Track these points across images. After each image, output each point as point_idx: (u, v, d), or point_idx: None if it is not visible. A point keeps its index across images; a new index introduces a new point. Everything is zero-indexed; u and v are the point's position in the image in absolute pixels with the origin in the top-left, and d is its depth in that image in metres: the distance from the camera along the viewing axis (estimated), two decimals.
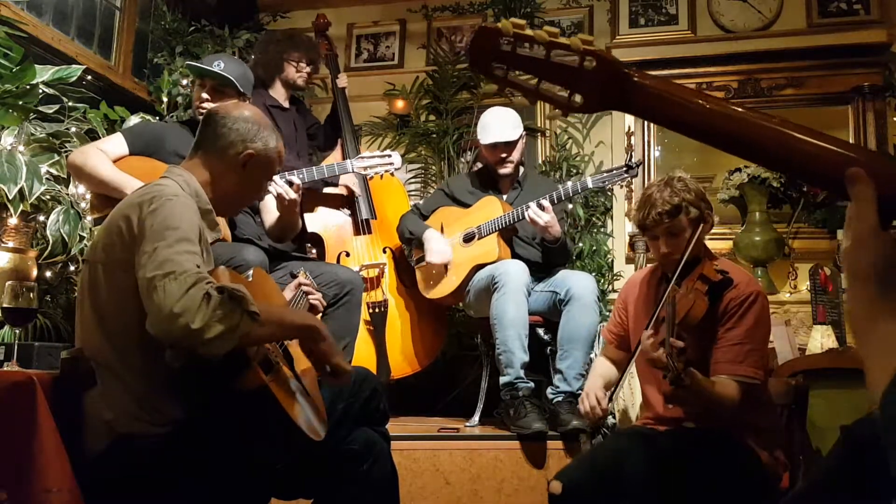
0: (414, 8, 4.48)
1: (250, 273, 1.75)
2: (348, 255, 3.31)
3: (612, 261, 3.93)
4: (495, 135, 3.09)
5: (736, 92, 3.88)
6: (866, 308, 0.71)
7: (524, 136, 3.21)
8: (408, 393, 3.50)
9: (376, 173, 2.96)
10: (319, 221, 3.34)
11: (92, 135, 2.95)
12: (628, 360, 1.96)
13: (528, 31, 0.79)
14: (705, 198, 1.97)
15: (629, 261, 3.89)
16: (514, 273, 2.81)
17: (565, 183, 3.22)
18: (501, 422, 2.84)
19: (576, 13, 4.27)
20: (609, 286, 3.85)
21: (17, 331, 1.94)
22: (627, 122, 4.00)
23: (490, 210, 3.09)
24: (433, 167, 4.26)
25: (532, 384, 2.77)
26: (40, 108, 2.72)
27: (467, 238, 3.11)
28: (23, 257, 2.54)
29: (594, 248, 3.86)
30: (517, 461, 2.62)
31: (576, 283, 2.83)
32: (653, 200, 1.92)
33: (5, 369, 1.73)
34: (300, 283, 2.04)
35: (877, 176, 0.71)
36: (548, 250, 3.01)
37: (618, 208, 4.02)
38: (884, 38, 3.65)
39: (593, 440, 2.63)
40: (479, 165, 3.74)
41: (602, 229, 3.98)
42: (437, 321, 3.41)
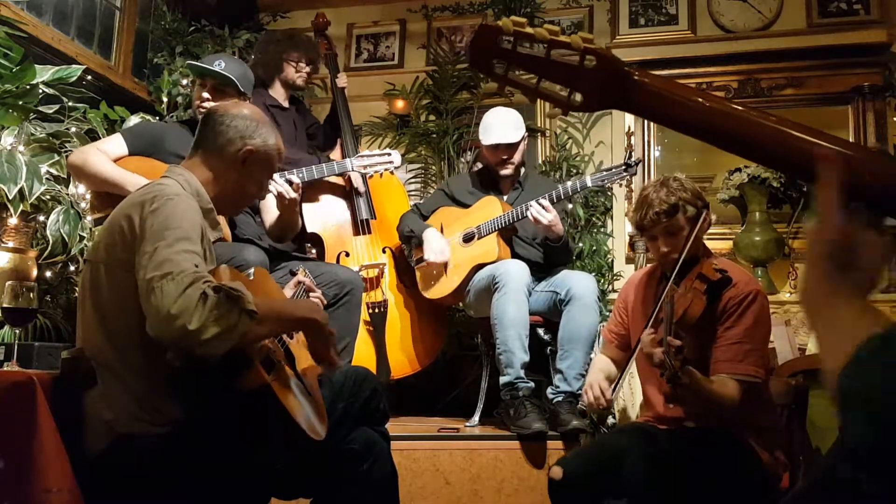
0: (414, 8, 4.47)
1: (251, 272, 1.75)
2: (348, 255, 3.31)
3: (612, 261, 3.93)
4: (497, 136, 3.08)
5: (736, 92, 3.89)
6: (824, 288, 0.72)
7: (526, 136, 3.21)
8: (408, 393, 3.50)
9: (376, 172, 2.97)
10: (319, 221, 3.33)
11: (92, 135, 2.95)
12: (628, 359, 1.96)
13: (529, 30, 0.79)
14: (702, 196, 1.97)
15: (629, 261, 3.89)
16: (515, 273, 2.80)
17: (565, 182, 3.22)
18: (501, 422, 2.84)
19: (576, 13, 4.27)
20: (609, 286, 3.85)
21: (17, 331, 1.94)
22: (627, 122, 4.00)
23: (490, 210, 3.08)
24: (433, 167, 4.25)
25: (532, 384, 2.76)
26: (40, 108, 2.71)
27: (467, 238, 3.11)
28: (23, 257, 2.54)
29: (594, 248, 3.85)
30: (517, 461, 2.62)
31: (576, 283, 2.83)
32: (650, 201, 1.93)
33: (5, 369, 1.73)
34: (300, 281, 2.04)
35: (875, 175, 0.71)
36: (550, 249, 3.00)
37: (618, 208, 4.02)
38: (884, 38, 3.65)
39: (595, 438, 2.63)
40: (479, 165, 3.73)
41: (602, 229, 3.98)
42: (437, 321, 3.41)
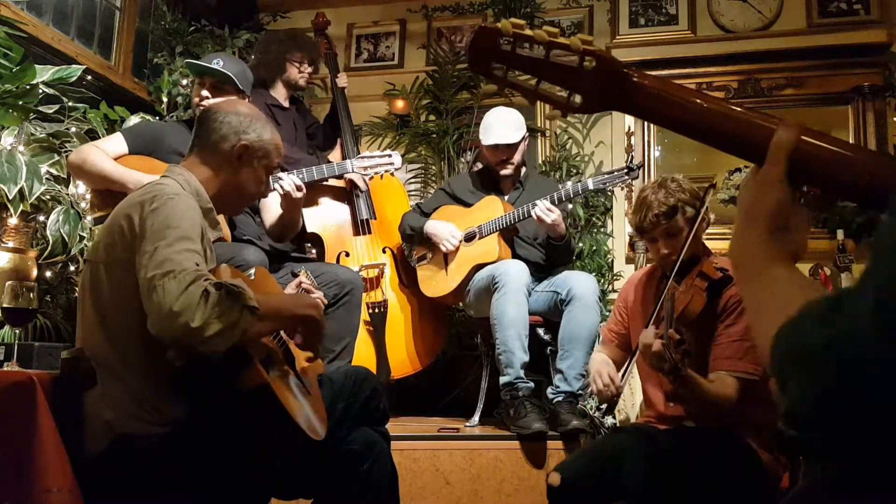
0: (414, 8, 4.47)
1: (252, 271, 1.75)
2: (348, 255, 3.31)
3: (612, 261, 3.93)
4: (497, 136, 3.08)
5: (736, 92, 3.88)
6: (758, 249, 0.73)
7: (527, 137, 3.21)
8: (408, 393, 3.50)
9: (376, 173, 2.96)
10: (319, 221, 3.33)
11: (92, 135, 2.95)
12: (629, 358, 1.96)
13: (528, 31, 0.79)
14: (700, 196, 1.97)
15: (629, 261, 3.88)
16: (515, 273, 2.81)
17: (565, 184, 3.22)
18: (501, 422, 2.84)
19: (576, 13, 4.27)
20: (609, 286, 3.85)
21: (17, 331, 1.94)
22: (627, 123, 4.00)
23: (491, 210, 3.09)
24: (433, 167, 4.26)
25: (532, 384, 2.77)
26: (40, 108, 2.71)
27: (468, 237, 3.11)
28: (23, 257, 2.54)
29: (594, 248, 3.86)
30: (517, 461, 2.62)
31: (577, 284, 2.83)
32: (648, 203, 1.93)
33: (5, 369, 1.73)
34: (301, 283, 2.04)
35: (875, 174, 0.71)
36: (553, 248, 3.00)
37: (618, 208, 4.02)
38: (884, 38, 3.65)
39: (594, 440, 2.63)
40: (479, 165, 3.73)
41: (602, 229, 3.98)
42: (437, 321, 3.41)
